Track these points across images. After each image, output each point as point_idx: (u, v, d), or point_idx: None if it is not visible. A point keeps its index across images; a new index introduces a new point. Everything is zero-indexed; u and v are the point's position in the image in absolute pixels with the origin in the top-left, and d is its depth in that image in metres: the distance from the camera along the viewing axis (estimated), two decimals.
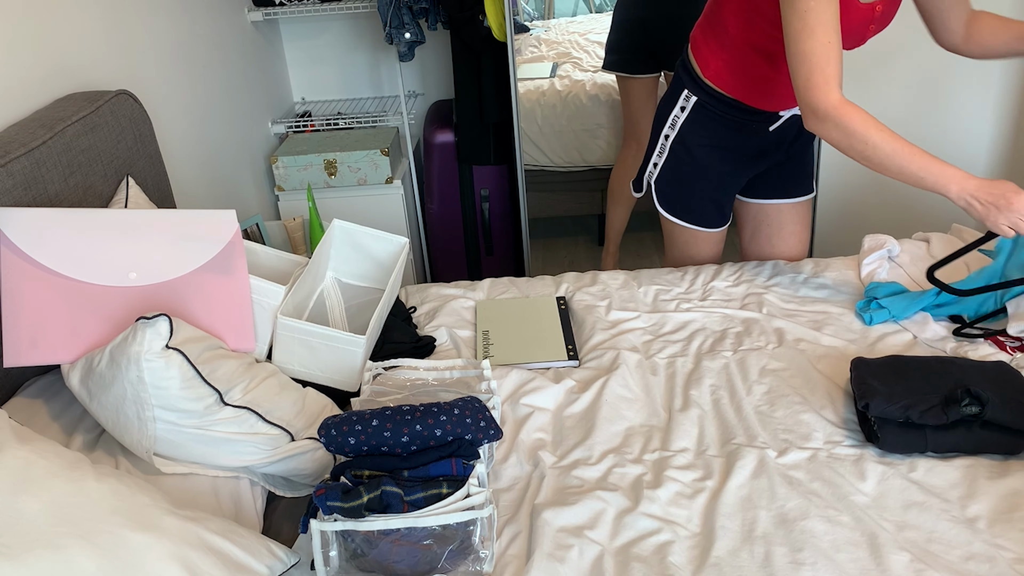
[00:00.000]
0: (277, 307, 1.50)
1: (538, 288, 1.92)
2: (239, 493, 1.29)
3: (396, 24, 2.73)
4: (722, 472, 1.33)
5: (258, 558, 1.10)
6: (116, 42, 1.93)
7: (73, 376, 1.26)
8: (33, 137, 1.41)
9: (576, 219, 3.81)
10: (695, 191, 1.88)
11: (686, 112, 1.80)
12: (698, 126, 1.81)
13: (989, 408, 1.29)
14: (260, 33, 2.92)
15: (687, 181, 1.87)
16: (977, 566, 1.13)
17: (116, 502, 1.02)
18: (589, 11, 3.86)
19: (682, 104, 1.81)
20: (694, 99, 1.79)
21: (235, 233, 1.44)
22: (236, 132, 2.63)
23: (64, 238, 1.32)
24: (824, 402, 1.47)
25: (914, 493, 1.26)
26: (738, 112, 1.77)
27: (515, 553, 1.20)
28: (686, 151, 1.84)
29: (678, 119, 1.82)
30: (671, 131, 1.84)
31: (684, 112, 1.81)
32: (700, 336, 1.69)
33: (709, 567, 1.15)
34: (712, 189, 1.87)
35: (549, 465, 1.37)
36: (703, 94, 1.78)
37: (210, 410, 1.22)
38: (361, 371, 1.53)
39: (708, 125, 1.80)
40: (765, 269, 1.92)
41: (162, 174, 1.83)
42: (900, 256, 1.91)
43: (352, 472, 1.18)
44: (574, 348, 1.67)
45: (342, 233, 1.77)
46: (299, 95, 3.27)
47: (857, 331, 1.67)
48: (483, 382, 1.46)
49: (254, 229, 2.40)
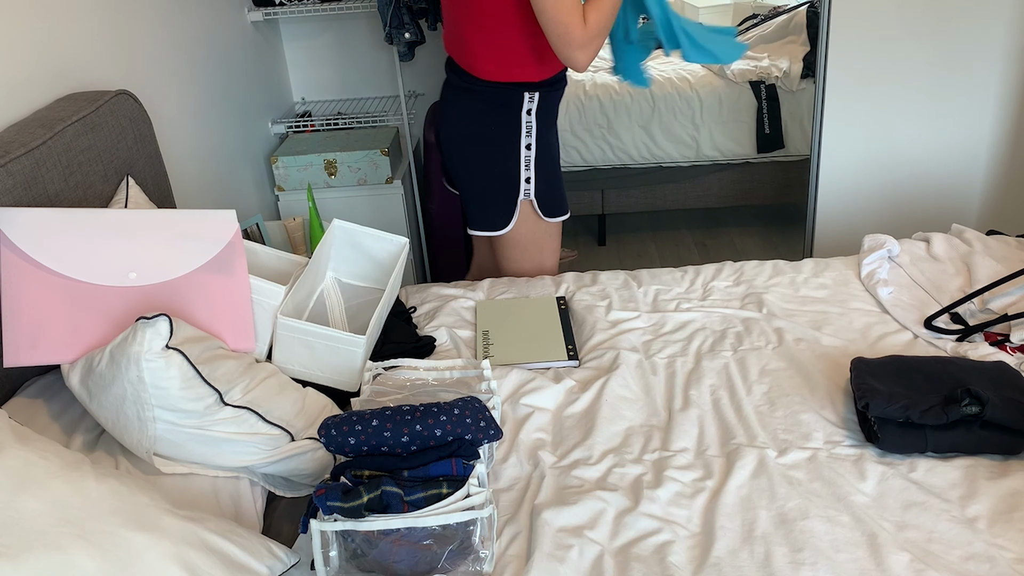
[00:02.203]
0: (277, 307, 1.50)
1: (538, 288, 1.92)
2: (239, 493, 1.29)
3: (396, 24, 2.73)
4: (722, 472, 1.33)
5: (258, 558, 1.10)
6: (116, 42, 1.93)
7: (73, 376, 1.26)
8: (33, 137, 1.41)
9: (576, 219, 3.81)
10: (559, 179, 1.95)
11: (534, 113, 1.84)
12: (544, 117, 1.87)
13: (989, 408, 1.29)
14: (260, 33, 2.92)
15: (555, 173, 1.93)
16: (977, 566, 1.13)
17: (116, 502, 1.02)
18: None
19: (527, 108, 1.83)
20: (538, 94, 1.83)
21: (235, 233, 1.44)
22: (236, 132, 2.63)
23: (64, 238, 1.32)
24: (824, 402, 1.47)
25: (914, 493, 1.26)
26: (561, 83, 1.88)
27: (515, 553, 1.20)
28: (547, 146, 1.89)
29: (531, 125, 1.84)
30: (530, 139, 1.86)
31: (532, 115, 1.84)
32: (700, 336, 1.69)
33: (709, 567, 1.15)
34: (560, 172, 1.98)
35: (549, 465, 1.37)
36: (541, 88, 1.84)
37: (210, 410, 1.22)
38: (361, 371, 1.53)
39: (550, 111, 1.88)
40: (765, 269, 1.92)
41: (162, 174, 1.83)
42: (900, 256, 1.91)
43: (352, 472, 1.18)
44: (574, 348, 1.67)
45: (342, 233, 1.77)
46: (299, 95, 3.27)
47: (857, 331, 1.67)
48: (483, 382, 1.46)
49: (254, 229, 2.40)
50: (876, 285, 1.79)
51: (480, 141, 1.83)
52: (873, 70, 2.71)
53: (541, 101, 1.82)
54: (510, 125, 1.82)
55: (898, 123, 2.79)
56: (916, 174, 2.86)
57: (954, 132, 2.80)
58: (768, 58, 3.44)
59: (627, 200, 3.46)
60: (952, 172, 2.85)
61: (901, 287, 1.80)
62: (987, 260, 1.81)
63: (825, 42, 2.66)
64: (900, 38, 2.67)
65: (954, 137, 2.80)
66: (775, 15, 3.70)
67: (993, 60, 2.68)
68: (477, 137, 1.83)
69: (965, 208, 2.90)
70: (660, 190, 3.44)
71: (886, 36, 2.67)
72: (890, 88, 2.74)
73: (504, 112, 1.82)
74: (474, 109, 1.82)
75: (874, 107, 2.77)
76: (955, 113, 2.76)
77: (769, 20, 3.70)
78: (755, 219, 3.76)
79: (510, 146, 1.84)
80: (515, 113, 1.82)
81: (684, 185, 3.44)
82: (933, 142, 2.81)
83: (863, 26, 2.64)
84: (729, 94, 3.29)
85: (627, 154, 3.36)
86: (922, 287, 1.79)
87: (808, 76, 3.30)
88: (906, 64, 2.70)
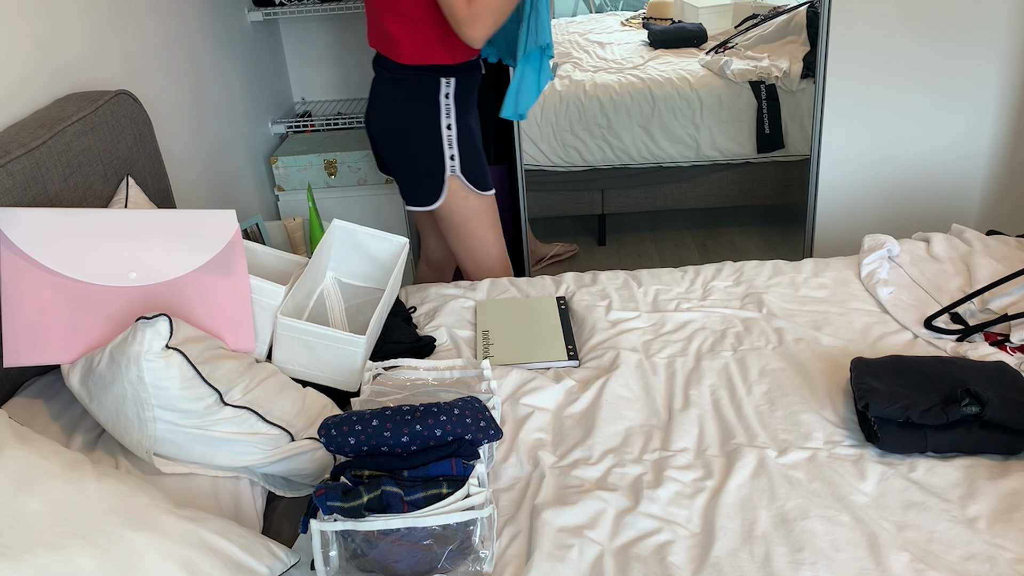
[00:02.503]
0: (277, 307, 1.50)
1: (538, 288, 1.92)
2: (239, 493, 1.29)
3: None
4: (722, 472, 1.33)
5: (258, 558, 1.10)
6: (116, 42, 1.93)
7: (73, 376, 1.26)
8: (33, 137, 1.41)
9: (576, 219, 3.81)
10: (482, 156, 2.10)
11: (452, 97, 1.98)
12: (461, 102, 2.01)
13: (989, 408, 1.29)
14: (260, 33, 2.92)
15: (478, 151, 2.08)
16: (977, 566, 1.13)
17: (116, 502, 1.02)
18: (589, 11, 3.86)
19: (445, 91, 1.97)
20: (454, 80, 1.97)
21: (235, 233, 1.44)
22: (236, 132, 2.63)
23: (64, 238, 1.32)
24: (824, 402, 1.47)
25: (914, 493, 1.26)
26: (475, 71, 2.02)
27: (515, 553, 1.20)
28: (466, 127, 2.03)
29: (450, 107, 1.99)
30: (450, 119, 1.99)
31: (451, 99, 1.98)
32: (700, 336, 1.69)
33: (709, 567, 1.15)
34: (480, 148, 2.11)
35: (549, 465, 1.37)
36: (456, 73, 1.97)
37: (210, 410, 1.22)
38: (361, 371, 1.53)
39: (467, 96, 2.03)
40: (765, 269, 1.92)
41: (162, 174, 1.83)
42: (900, 256, 1.91)
43: (352, 472, 1.18)
44: (574, 348, 1.67)
45: (342, 233, 1.77)
46: (299, 95, 3.27)
47: (857, 331, 1.67)
48: (483, 382, 1.46)
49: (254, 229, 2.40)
50: (876, 285, 1.79)
51: (406, 124, 2.00)
52: (873, 70, 2.71)
53: (457, 86, 1.98)
54: (431, 108, 1.98)
55: (898, 123, 2.79)
56: (916, 174, 2.86)
57: (954, 132, 2.80)
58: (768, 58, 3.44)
59: (627, 200, 3.46)
60: (952, 172, 2.85)
61: (901, 287, 1.80)
62: (987, 260, 1.81)
63: (825, 42, 2.66)
64: (900, 38, 2.67)
65: (954, 137, 2.80)
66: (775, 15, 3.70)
67: (993, 60, 2.68)
68: (403, 121, 2.00)
69: (965, 208, 2.90)
70: (660, 190, 3.44)
71: (886, 36, 2.67)
72: (890, 88, 2.74)
73: (425, 97, 1.98)
74: (398, 96, 1.99)
75: (874, 107, 2.77)
76: (955, 113, 2.76)
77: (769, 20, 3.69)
78: (755, 219, 3.75)
79: (433, 127, 2.00)
80: (435, 97, 1.98)
81: (684, 185, 3.44)
82: (933, 142, 2.81)
83: (863, 26, 2.64)
84: (729, 94, 3.29)
85: (627, 154, 3.36)
86: (922, 287, 1.79)
87: (808, 76, 3.30)
88: (906, 64, 2.70)
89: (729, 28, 3.91)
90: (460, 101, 2.01)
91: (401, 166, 2.04)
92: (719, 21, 3.99)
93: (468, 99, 2.04)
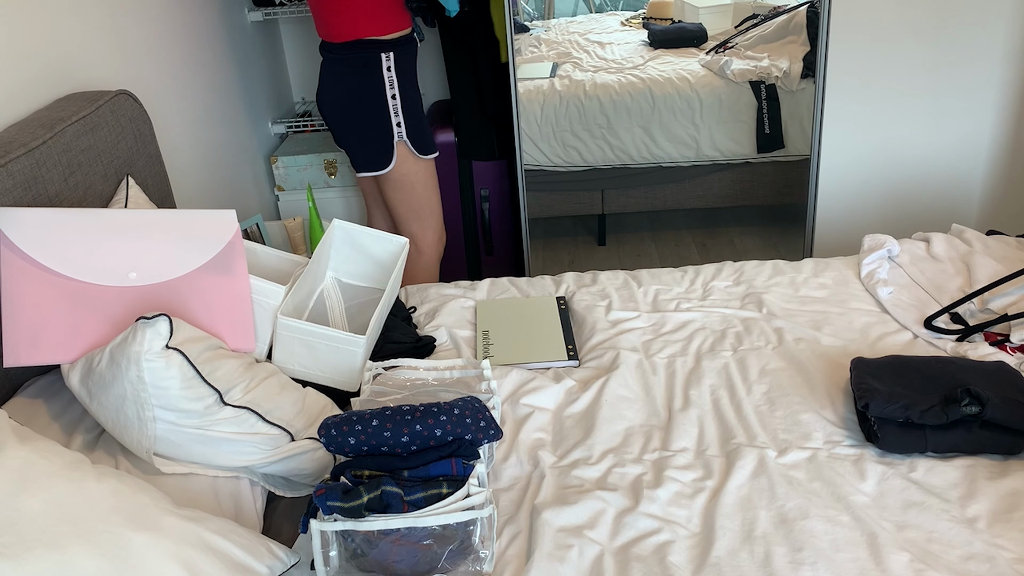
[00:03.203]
0: (277, 307, 1.50)
1: (538, 288, 1.92)
2: (239, 493, 1.29)
3: None
4: (722, 472, 1.33)
5: (258, 558, 1.10)
6: (116, 42, 1.93)
7: (73, 376, 1.26)
8: (33, 137, 1.41)
9: (576, 219, 3.81)
10: (426, 123, 2.26)
11: (394, 71, 2.15)
12: (402, 74, 2.17)
13: (989, 408, 1.29)
14: (260, 33, 2.92)
15: (421, 118, 2.23)
16: (977, 566, 1.13)
17: (116, 502, 1.02)
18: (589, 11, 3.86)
19: (386, 65, 2.14)
20: (392, 54, 2.13)
21: (235, 233, 1.44)
22: (236, 132, 2.63)
23: (64, 238, 1.32)
24: (824, 402, 1.47)
25: (914, 493, 1.26)
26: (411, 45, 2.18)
27: (515, 553, 1.20)
28: (409, 97, 2.19)
29: (393, 79, 2.15)
30: (394, 90, 2.16)
31: (392, 71, 2.15)
32: (700, 336, 1.69)
33: (709, 567, 1.15)
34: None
35: (549, 465, 1.37)
36: (394, 49, 2.13)
37: (210, 410, 1.22)
38: (361, 371, 1.53)
39: (407, 68, 2.18)
40: (765, 269, 1.92)
41: (162, 174, 1.83)
42: (900, 256, 1.91)
43: (352, 472, 1.18)
44: (574, 348, 1.67)
45: (342, 233, 1.77)
46: (299, 95, 3.27)
47: (857, 331, 1.67)
48: (483, 382, 1.46)
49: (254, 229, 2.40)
50: (876, 285, 1.79)
51: (353, 98, 2.17)
52: (873, 70, 2.71)
53: (397, 60, 2.15)
54: (376, 82, 2.15)
55: (898, 123, 2.79)
56: (916, 174, 2.86)
57: (954, 132, 2.80)
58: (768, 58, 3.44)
59: (627, 200, 3.46)
60: (952, 172, 2.85)
61: (901, 287, 1.80)
62: (987, 260, 1.81)
63: (825, 42, 2.66)
64: (900, 38, 2.67)
65: (954, 137, 2.80)
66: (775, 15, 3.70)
67: (993, 60, 2.68)
68: (350, 95, 2.17)
69: (965, 208, 2.90)
70: (660, 190, 3.44)
71: (886, 36, 2.67)
72: (890, 88, 2.74)
73: (368, 71, 2.14)
74: (345, 74, 2.16)
75: (874, 107, 2.77)
76: (955, 113, 2.76)
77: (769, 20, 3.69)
78: (755, 219, 3.75)
79: (379, 98, 2.16)
80: (377, 72, 2.14)
81: (684, 185, 3.44)
82: (933, 142, 2.81)
83: (863, 26, 2.64)
84: (729, 94, 3.29)
85: (627, 154, 3.36)
86: (922, 287, 1.79)
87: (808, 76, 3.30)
88: (906, 64, 2.70)
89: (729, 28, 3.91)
90: (401, 73, 2.17)
91: (353, 137, 2.22)
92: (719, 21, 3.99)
93: (409, 70, 2.21)
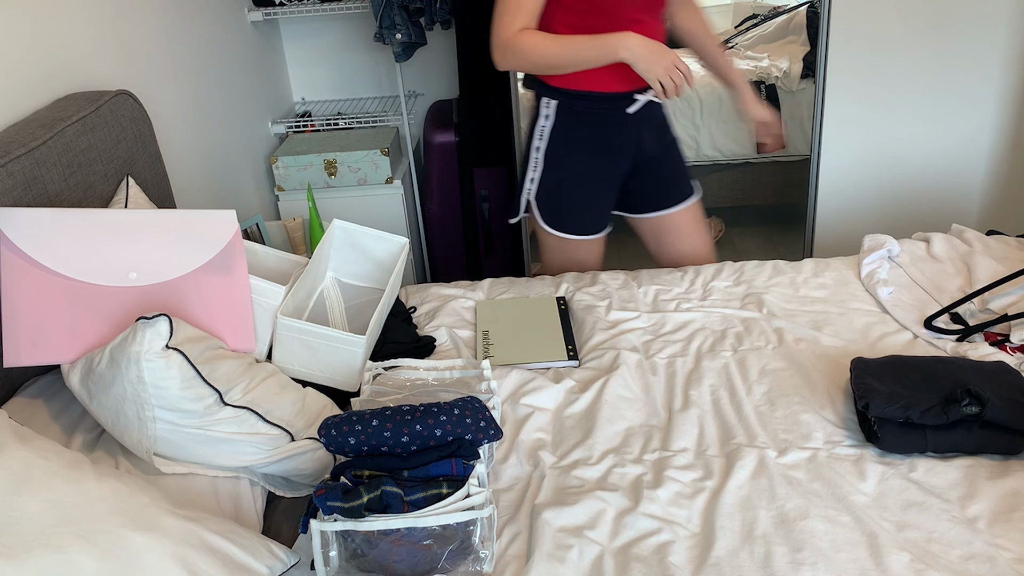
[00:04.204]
0: (277, 307, 1.50)
1: (538, 288, 1.92)
2: (239, 493, 1.29)
3: (387, 24, 2.72)
4: (722, 472, 1.33)
5: (258, 558, 1.10)
6: (116, 42, 1.93)
7: (73, 376, 1.26)
8: (33, 137, 1.41)
9: None
10: (573, 198, 1.91)
11: (550, 119, 1.86)
12: (564, 129, 1.86)
13: (989, 408, 1.29)
14: (260, 33, 2.92)
15: (564, 189, 1.90)
16: (977, 566, 1.13)
17: (116, 502, 1.02)
18: None
19: (544, 113, 1.86)
20: (554, 103, 1.84)
21: (235, 233, 1.44)
22: (236, 132, 2.63)
23: (64, 238, 1.32)
24: (824, 402, 1.47)
25: (914, 493, 1.26)
26: (594, 102, 1.82)
27: (515, 553, 1.20)
28: (557, 158, 1.88)
29: (544, 128, 1.87)
30: (540, 142, 1.88)
31: (549, 120, 1.86)
32: (700, 336, 1.69)
33: (709, 567, 1.15)
34: (587, 193, 1.92)
35: (549, 465, 1.37)
36: (560, 96, 1.83)
37: (210, 410, 1.22)
38: (361, 371, 1.53)
39: (572, 126, 1.85)
40: (765, 269, 1.92)
41: (162, 174, 1.83)
42: (900, 256, 1.91)
43: (352, 472, 1.18)
44: (574, 348, 1.67)
45: (342, 233, 1.77)
46: (299, 95, 3.27)
47: (857, 331, 1.67)
48: (483, 382, 1.46)
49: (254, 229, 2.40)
50: (876, 285, 1.79)
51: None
52: (873, 70, 2.71)
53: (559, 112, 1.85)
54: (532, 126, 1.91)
55: (898, 123, 2.79)
56: (916, 174, 2.86)
57: (954, 132, 2.80)
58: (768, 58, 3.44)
59: None
60: (952, 172, 2.85)
61: (901, 287, 1.80)
62: (987, 260, 1.81)
63: (825, 42, 2.66)
64: (900, 38, 2.67)
65: (954, 137, 2.80)
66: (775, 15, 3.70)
67: (993, 60, 2.68)
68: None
69: (965, 208, 2.90)
70: None
71: (886, 36, 2.67)
72: (890, 88, 2.74)
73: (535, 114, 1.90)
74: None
75: (874, 107, 2.77)
76: (955, 113, 2.76)
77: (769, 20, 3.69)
78: (755, 219, 3.75)
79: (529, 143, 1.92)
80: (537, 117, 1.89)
81: None
82: (933, 142, 2.81)
83: (863, 26, 2.64)
84: (729, 94, 3.29)
85: None
86: (922, 287, 1.79)
87: (808, 76, 3.30)
88: (906, 64, 2.70)
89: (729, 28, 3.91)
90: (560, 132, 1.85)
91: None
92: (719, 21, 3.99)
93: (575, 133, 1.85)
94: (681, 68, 1.63)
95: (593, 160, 1.88)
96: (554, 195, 1.91)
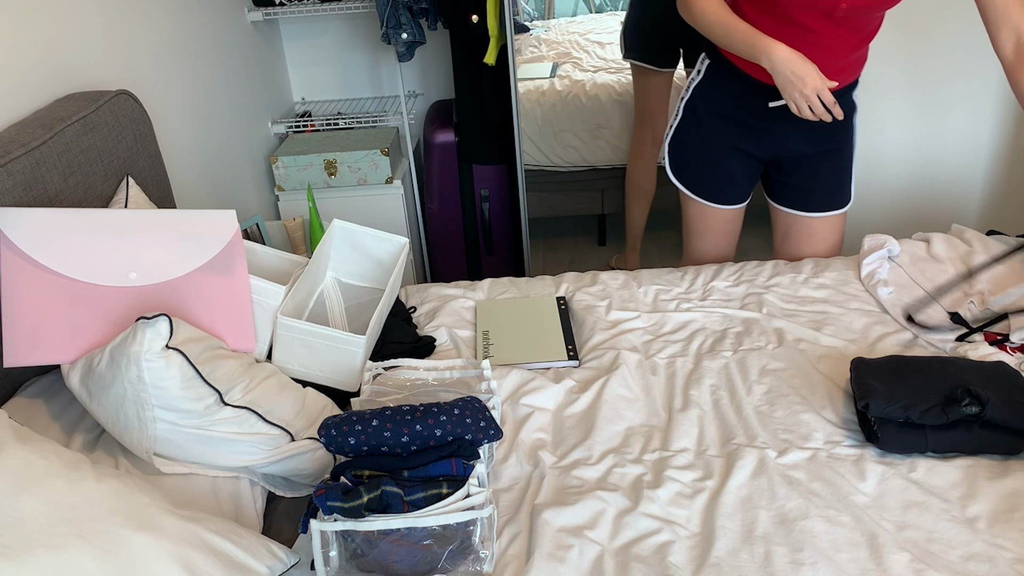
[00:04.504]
0: (277, 307, 1.50)
1: (538, 288, 1.92)
2: (239, 493, 1.29)
3: (393, 24, 2.73)
4: (722, 472, 1.33)
5: (258, 558, 1.10)
6: (116, 42, 1.93)
7: (73, 376, 1.26)
8: (33, 137, 1.41)
9: (576, 219, 3.81)
10: (700, 159, 1.94)
11: (700, 75, 1.89)
12: (707, 90, 1.88)
13: (989, 408, 1.29)
14: (260, 33, 2.92)
15: (693, 149, 1.94)
16: (977, 566, 1.13)
17: (116, 502, 1.02)
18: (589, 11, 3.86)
19: (699, 68, 1.90)
20: (707, 62, 1.87)
21: (235, 233, 1.44)
22: (236, 132, 2.63)
23: (64, 238, 1.32)
24: (824, 402, 1.47)
25: (914, 493, 1.26)
26: (740, 82, 1.83)
27: (515, 553, 1.20)
28: (695, 117, 1.91)
29: (693, 81, 1.91)
30: (686, 93, 1.92)
31: (699, 75, 1.89)
32: (700, 336, 1.69)
33: (709, 567, 1.15)
34: (715, 160, 1.92)
35: (549, 465, 1.37)
36: (714, 59, 1.85)
37: (210, 410, 1.22)
38: (361, 371, 1.53)
39: (715, 92, 1.87)
40: (765, 269, 1.92)
41: (162, 174, 1.83)
42: (900, 256, 1.91)
43: (352, 472, 1.18)
44: (574, 348, 1.67)
45: (342, 233, 1.77)
46: (299, 95, 3.27)
47: (857, 331, 1.67)
48: (483, 382, 1.46)
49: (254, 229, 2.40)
50: (876, 285, 1.79)
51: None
52: (872, 70, 2.71)
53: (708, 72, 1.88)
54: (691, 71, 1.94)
55: (898, 123, 2.79)
56: (916, 174, 2.86)
57: (954, 132, 2.80)
58: None
59: None
60: (952, 172, 2.85)
61: (901, 287, 1.80)
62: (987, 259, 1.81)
63: None
64: (899, 38, 2.67)
65: (954, 137, 2.80)
66: None
67: (993, 60, 2.68)
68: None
69: (965, 208, 2.90)
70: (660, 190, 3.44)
71: (886, 36, 2.67)
72: (890, 88, 2.74)
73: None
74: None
75: (874, 107, 2.77)
76: (955, 113, 2.76)
77: None
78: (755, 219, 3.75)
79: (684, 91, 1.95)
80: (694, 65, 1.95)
81: None
82: (933, 142, 2.81)
83: None
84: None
85: (627, 154, 3.36)
86: (922, 287, 1.79)
87: None
88: (906, 64, 2.70)
89: None
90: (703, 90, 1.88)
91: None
92: None
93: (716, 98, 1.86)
94: (823, 99, 1.60)
95: (725, 128, 1.89)
96: (682, 147, 1.95)
